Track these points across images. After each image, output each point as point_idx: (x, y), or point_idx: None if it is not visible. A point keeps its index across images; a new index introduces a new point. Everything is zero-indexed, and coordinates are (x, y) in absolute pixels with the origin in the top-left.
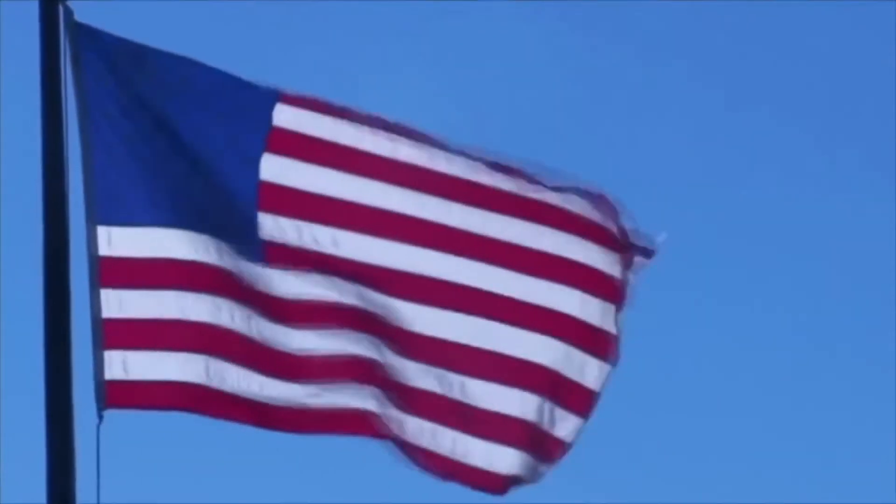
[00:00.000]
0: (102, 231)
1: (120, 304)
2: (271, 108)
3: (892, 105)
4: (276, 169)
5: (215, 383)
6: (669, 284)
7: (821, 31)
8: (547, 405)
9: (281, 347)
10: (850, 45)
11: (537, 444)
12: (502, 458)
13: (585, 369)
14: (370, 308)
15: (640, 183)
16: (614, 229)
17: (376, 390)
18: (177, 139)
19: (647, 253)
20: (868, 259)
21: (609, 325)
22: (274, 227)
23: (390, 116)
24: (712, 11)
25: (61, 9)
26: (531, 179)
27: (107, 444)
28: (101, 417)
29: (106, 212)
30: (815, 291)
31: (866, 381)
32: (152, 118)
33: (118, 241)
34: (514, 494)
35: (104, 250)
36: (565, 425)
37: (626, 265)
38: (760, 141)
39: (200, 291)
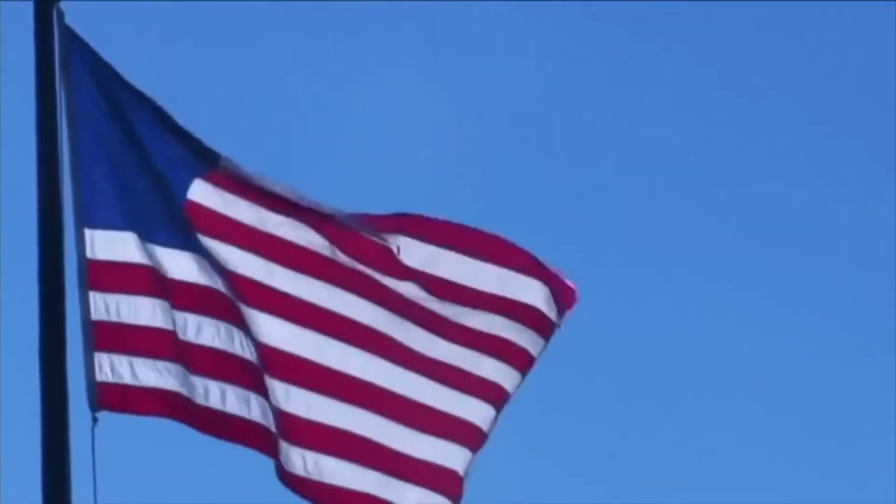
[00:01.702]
0: (89, 234)
1: (106, 307)
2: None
3: (893, 102)
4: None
5: (188, 392)
6: (670, 281)
7: (824, 30)
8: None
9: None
10: (854, 43)
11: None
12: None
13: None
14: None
15: (639, 180)
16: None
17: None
18: (153, 150)
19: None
20: (868, 255)
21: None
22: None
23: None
24: (713, 10)
25: (55, 10)
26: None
27: (102, 445)
28: (95, 419)
29: (92, 215)
30: (816, 288)
31: (867, 380)
32: (131, 124)
33: (104, 245)
34: (516, 495)
35: (91, 253)
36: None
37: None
38: (762, 137)
39: (164, 299)
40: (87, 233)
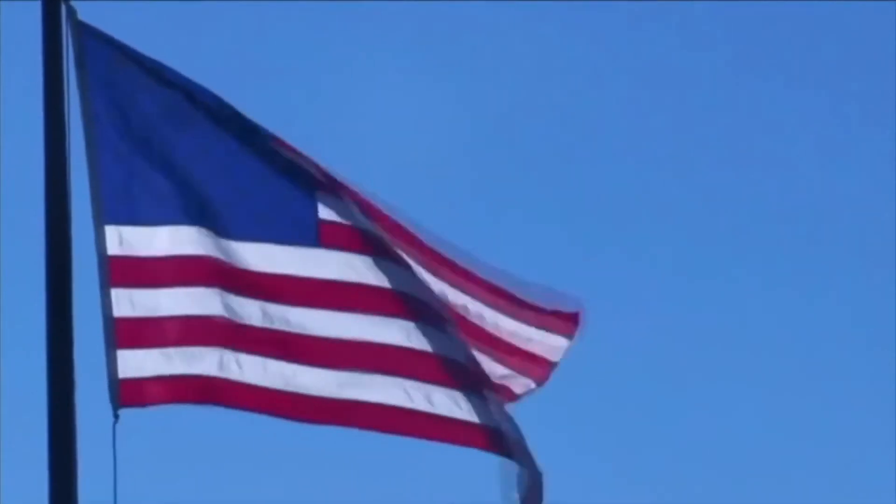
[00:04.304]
0: (111, 231)
1: (131, 302)
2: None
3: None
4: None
5: (232, 375)
6: (673, 278)
7: (833, 23)
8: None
9: (312, 333)
10: (861, 37)
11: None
12: None
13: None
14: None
15: (644, 176)
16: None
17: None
18: (177, 139)
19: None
20: (870, 251)
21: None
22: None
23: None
24: (717, 7)
25: (64, 8)
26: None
27: (97, 445)
28: (116, 417)
29: (113, 211)
30: (816, 287)
31: (866, 381)
32: (153, 116)
33: (126, 240)
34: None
35: (113, 250)
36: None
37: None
38: (768, 132)
39: (210, 286)
40: (109, 229)
